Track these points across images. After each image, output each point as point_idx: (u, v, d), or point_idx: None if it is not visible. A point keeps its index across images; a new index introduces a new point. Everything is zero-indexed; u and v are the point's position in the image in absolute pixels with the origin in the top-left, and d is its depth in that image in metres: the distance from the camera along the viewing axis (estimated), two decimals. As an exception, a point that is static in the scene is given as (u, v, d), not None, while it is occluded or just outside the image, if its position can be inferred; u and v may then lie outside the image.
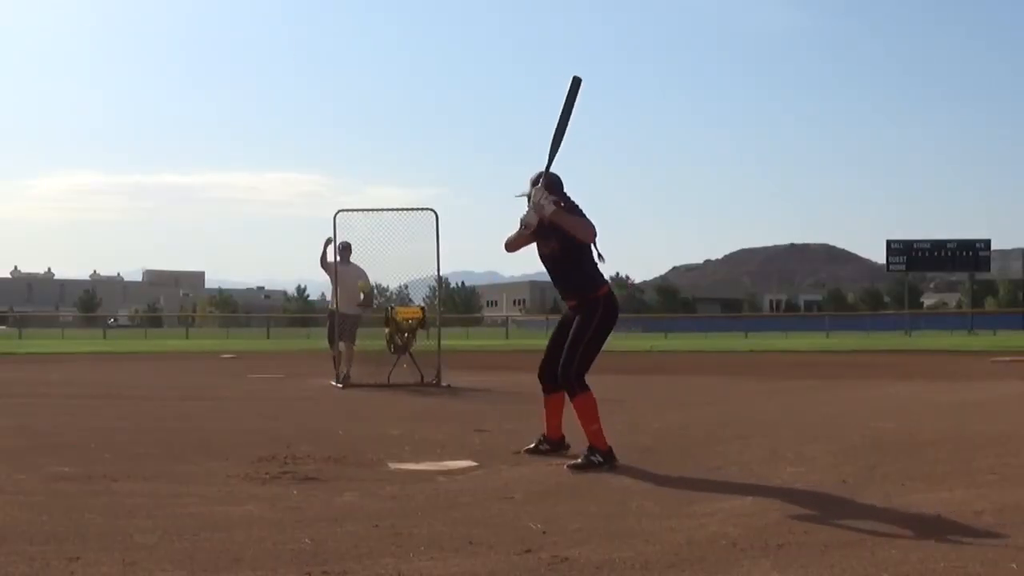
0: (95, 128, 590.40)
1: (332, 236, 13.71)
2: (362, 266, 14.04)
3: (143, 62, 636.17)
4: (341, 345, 13.71)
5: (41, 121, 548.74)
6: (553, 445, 6.50)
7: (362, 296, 14.03)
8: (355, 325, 14.07)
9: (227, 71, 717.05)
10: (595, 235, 6.14)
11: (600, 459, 5.94)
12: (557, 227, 6.11)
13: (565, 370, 6.12)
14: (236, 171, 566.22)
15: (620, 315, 6.50)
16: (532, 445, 6.58)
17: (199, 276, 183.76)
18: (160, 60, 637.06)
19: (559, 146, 6.21)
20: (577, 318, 6.21)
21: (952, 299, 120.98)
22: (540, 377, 6.48)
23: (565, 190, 6.29)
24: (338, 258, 13.81)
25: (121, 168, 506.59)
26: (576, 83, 6.25)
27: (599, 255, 6.20)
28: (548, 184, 6.18)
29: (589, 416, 6.05)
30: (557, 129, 6.21)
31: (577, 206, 6.27)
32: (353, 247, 13.88)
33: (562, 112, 6.22)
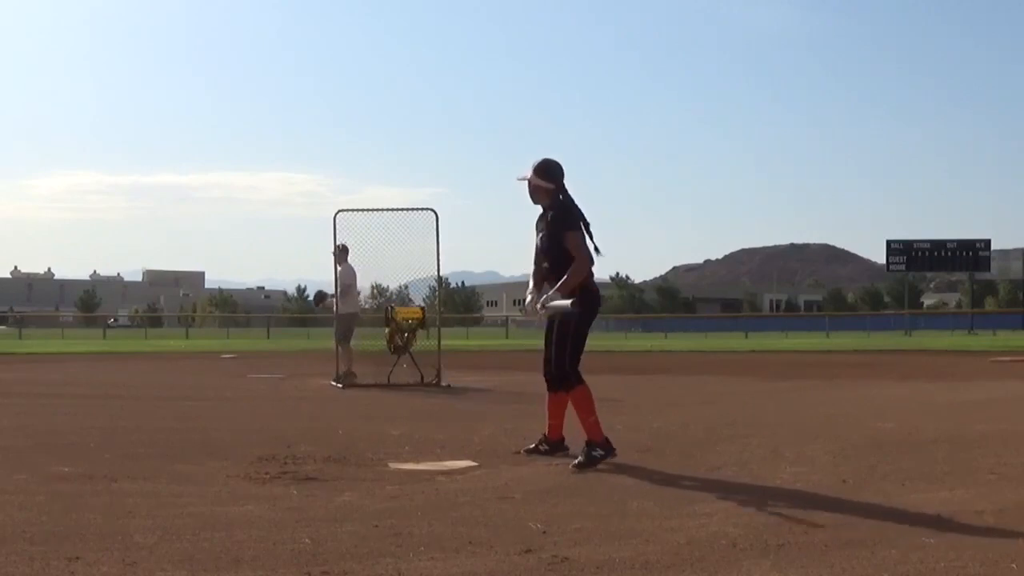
0: (95, 128, 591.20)
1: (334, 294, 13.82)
2: (362, 266, 14.08)
3: (142, 62, 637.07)
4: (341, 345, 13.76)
5: (41, 121, 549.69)
6: (552, 446, 6.49)
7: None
8: (351, 325, 14.10)
9: (226, 71, 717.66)
10: (587, 270, 6.17)
11: (600, 452, 5.96)
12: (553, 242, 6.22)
13: (560, 365, 6.17)
14: (236, 171, 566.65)
15: (621, 315, 6.54)
16: (532, 445, 6.58)
17: (199, 276, 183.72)
18: (159, 60, 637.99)
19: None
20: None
21: (952, 299, 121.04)
22: (546, 375, 6.45)
23: (565, 181, 6.31)
24: (336, 263, 13.87)
25: (121, 168, 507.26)
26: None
27: (595, 248, 6.25)
28: (546, 170, 6.23)
29: (586, 408, 6.11)
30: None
31: (574, 201, 6.30)
32: (350, 249, 13.87)
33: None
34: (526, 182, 6.30)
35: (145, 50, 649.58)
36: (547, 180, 6.26)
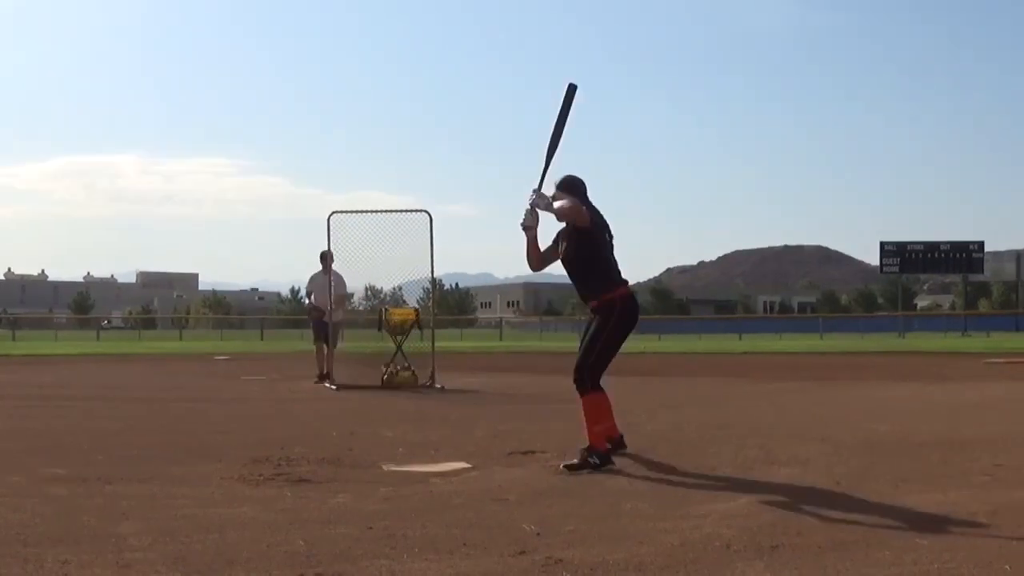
0: (91, 130, 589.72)
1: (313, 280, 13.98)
2: (356, 267, 14.24)
3: (135, 63, 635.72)
4: (324, 347, 14.13)
5: (35, 123, 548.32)
6: (614, 444, 6.33)
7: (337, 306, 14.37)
8: (333, 327, 14.37)
9: (221, 74, 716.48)
10: (580, 214, 6.10)
11: (597, 460, 5.94)
12: (565, 223, 6.20)
13: (579, 369, 6.17)
14: (230, 174, 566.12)
15: None
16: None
17: (193, 278, 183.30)
18: (153, 62, 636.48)
19: (555, 152, 6.23)
20: (595, 319, 6.24)
21: (946, 301, 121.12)
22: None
23: (589, 194, 6.31)
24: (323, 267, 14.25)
25: (115, 170, 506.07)
26: (571, 90, 6.28)
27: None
28: (569, 185, 6.23)
29: (596, 416, 6.08)
30: (553, 136, 6.24)
31: (598, 212, 6.30)
32: (335, 255, 14.11)
33: (557, 119, 6.25)
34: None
35: (139, 51, 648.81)
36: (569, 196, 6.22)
